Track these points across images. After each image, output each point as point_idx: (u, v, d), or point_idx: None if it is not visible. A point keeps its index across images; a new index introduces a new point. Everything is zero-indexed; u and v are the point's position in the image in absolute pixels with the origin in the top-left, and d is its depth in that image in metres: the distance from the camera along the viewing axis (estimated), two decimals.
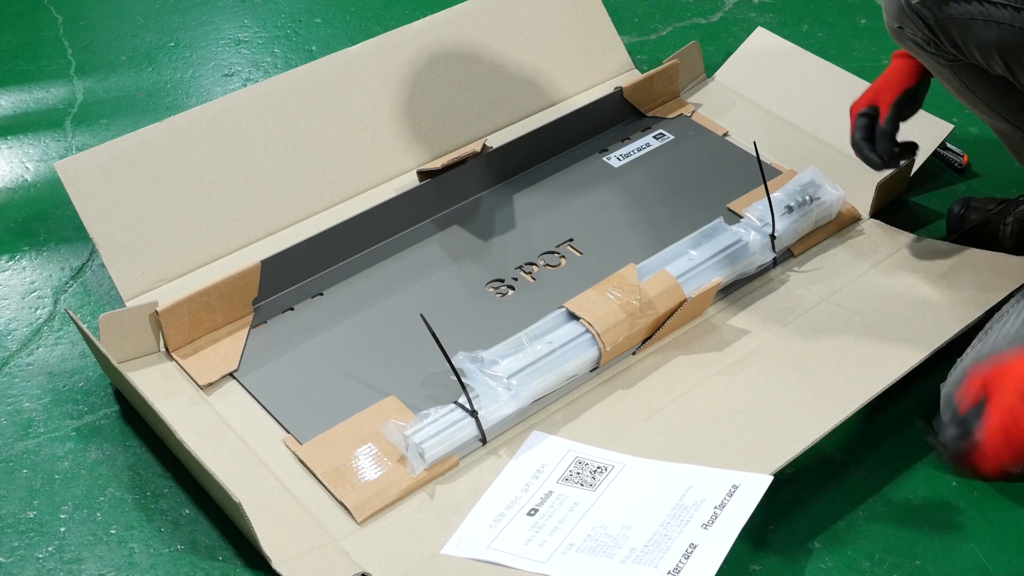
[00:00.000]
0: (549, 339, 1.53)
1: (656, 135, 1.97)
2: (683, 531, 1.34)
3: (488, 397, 1.47)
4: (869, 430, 1.53)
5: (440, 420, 1.46)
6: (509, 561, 1.35)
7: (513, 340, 1.53)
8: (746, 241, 1.68)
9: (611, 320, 1.54)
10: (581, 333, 1.54)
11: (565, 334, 1.54)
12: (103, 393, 1.60)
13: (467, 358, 1.50)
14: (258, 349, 1.61)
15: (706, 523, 1.34)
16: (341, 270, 1.72)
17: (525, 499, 1.42)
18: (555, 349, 1.52)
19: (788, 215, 1.72)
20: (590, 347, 1.54)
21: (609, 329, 1.53)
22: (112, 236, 1.65)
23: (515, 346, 1.52)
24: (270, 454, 1.48)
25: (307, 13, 2.34)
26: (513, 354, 1.51)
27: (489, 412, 1.46)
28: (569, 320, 1.56)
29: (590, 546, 1.35)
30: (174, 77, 2.18)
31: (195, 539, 1.43)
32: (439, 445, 1.45)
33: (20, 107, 2.10)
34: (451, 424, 1.46)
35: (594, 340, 1.53)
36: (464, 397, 1.47)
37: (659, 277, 1.60)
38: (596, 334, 1.53)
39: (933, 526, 1.46)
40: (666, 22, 2.33)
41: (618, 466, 1.45)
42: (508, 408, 1.47)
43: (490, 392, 1.47)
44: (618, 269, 1.71)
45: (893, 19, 1.51)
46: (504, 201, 1.85)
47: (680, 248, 1.68)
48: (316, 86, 1.84)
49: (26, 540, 1.43)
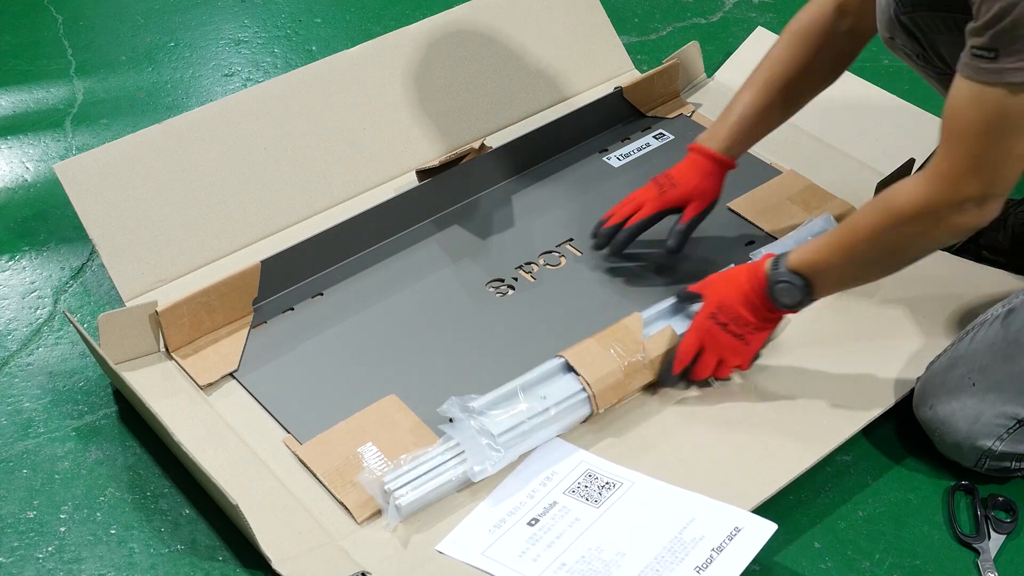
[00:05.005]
0: (543, 393, 1.47)
1: (656, 135, 1.97)
2: (676, 569, 1.31)
3: (475, 454, 1.42)
4: (869, 430, 1.53)
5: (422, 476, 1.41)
6: (500, 572, 1.34)
7: (507, 390, 1.46)
8: None
9: (609, 381, 1.49)
10: (577, 392, 1.48)
11: (560, 390, 1.48)
12: (103, 393, 1.60)
13: (457, 405, 1.45)
14: (258, 349, 1.61)
15: (700, 566, 1.31)
16: (341, 270, 1.72)
17: (529, 506, 1.42)
18: (548, 408, 1.46)
19: None
20: (583, 407, 1.49)
21: (606, 391, 1.49)
22: (112, 236, 1.65)
23: (508, 397, 1.46)
24: (270, 454, 1.48)
25: (307, 13, 2.34)
26: (505, 405, 1.45)
27: (475, 473, 1.41)
28: (567, 372, 1.50)
29: (581, 569, 1.33)
30: (174, 77, 2.18)
31: (195, 539, 1.43)
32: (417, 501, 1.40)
33: (20, 107, 2.10)
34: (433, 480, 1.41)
35: (588, 400, 1.49)
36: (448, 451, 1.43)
37: (663, 335, 1.54)
38: (592, 396, 1.48)
39: (933, 526, 1.46)
40: (666, 22, 2.33)
41: (627, 484, 1.43)
42: (495, 468, 1.42)
43: (478, 450, 1.42)
44: (617, 270, 1.72)
45: (884, 30, 1.52)
46: (504, 201, 1.85)
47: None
48: (316, 87, 1.84)
49: (26, 540, 1.43)
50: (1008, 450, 1.44)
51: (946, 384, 1.46)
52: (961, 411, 1.44)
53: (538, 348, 1.55)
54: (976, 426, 1.43)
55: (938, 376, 1.48)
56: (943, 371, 1.48)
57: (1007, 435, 1.43)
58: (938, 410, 1.46)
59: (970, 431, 1.44)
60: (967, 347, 1.47)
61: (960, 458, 1.47)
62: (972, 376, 1.44)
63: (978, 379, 1.44)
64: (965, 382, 1.45)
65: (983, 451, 1.44)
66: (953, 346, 1.49)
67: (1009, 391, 1.43)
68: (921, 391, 1.50)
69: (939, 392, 1.47)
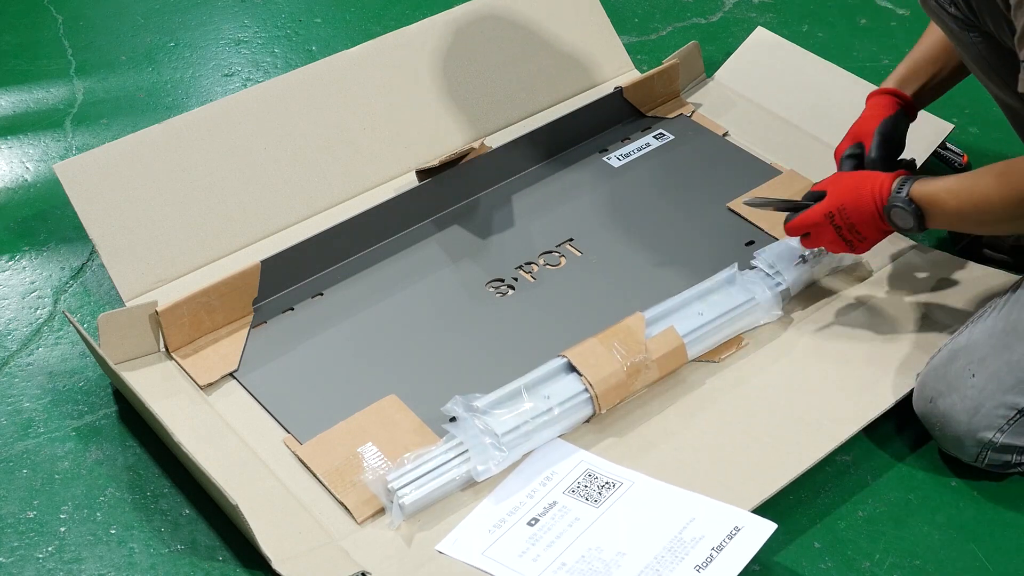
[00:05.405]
0: (547, 393, 1.47)
1: (656, 135, 1.97)
2: (675, 569, 1.31)
3: (479, 453, 1.42)
4: (869, 430, 1.53)
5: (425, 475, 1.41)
6: (500, 572, 1.34)
7: (510, 390, 1.46)
8: (758, 301, 1.61)
9: (611, 382, 1.49)
10: (579, 392, 1.48)
11: (564, 390, 1.48)
12: (103, 393, 1.60)
13: (461, 403, 1.45)
14: (258, 349, 1.61)
15: (700, 565, 1.31)
16: (341, 270, 1.72)
17: (528, 506, 1.42)
18: (552, 408, 1.46)
19: (802, 265, 1.66)
20: (585, 407, 1.49)
21: (608, 391, 1.49)
22: (112, 236, 1.65)
23: (512, 397, 1.46)
24: (270, 454, 1.48)
25: (307, 13, 2.34)
26: (509, 405, 1.46)
27: (478, 472, 1.42)
28: (569, 372, 1.50)
29: (581, 568, 1.33)
30: (174, 77, 2.18)
31: (195, 539, 1.43)
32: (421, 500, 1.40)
33: (20, 107, 2.10)
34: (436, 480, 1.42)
35: (591, 401, 1.49)
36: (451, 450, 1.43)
37: (666, 336, 1.54)
38: (594, 396, 1.48)
39: (933, 526, 1.46)
40: (666, 22, 2.32)
41: (627, 484, 1.43)
42: (499, 468, 1.43)
43: (481, 449, 1.42)
44: (617, 269, 1.72)
45: None
46: (504, 201, 1.85)
47: (690, 297, 1.60)
48: (316, 87, 1.84)
49: (26, 540, 1.43)
50: (1009, 442, 1.44)
51: (946, 377, 1.46)
52: (961, 403, 1.44)
53: (538, 348, 1.56)
54: (976, 418, 1.43)
55: (938, 370, 1.48)
56: (943, 365, 1.48)
57: (1008, 426, 1.43)
58: (938, 403, 1.46)
59: (970, 423, 1.44)
60: (966, 339, 1.47)
61: (961, 452, 1.47)
62: (972, 367, 1.44)
63: (978, 370, 1.44)
64: (965, 374, 1.44)
65: (984, 443, 1.44)
66: (953, 339, 1.50)
67: (1008, 380, 1.42)
68: (921, 386, 1.50)
69: (939, 386, 1.47)
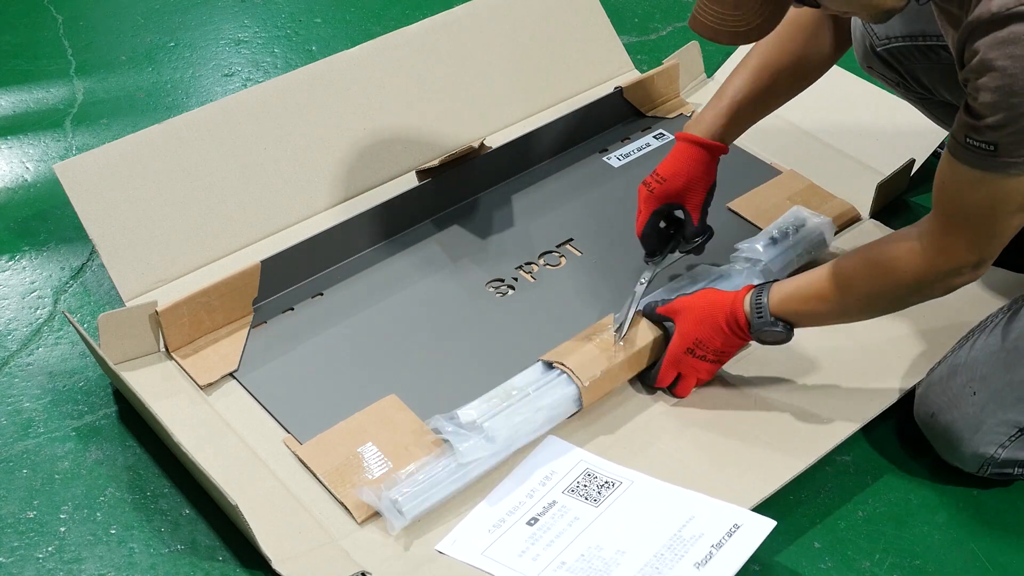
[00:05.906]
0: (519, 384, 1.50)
1: (656, 135, 1.97)
2: (675, 567, 1.32)
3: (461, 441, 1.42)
4: (869, 430, 1.53)
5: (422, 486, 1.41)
6: (500, 572, 1.35)
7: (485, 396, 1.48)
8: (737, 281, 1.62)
9: (585, 358, 1.50)
10: (556, 375, 1.50)
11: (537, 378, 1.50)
12: (103, 393, 1.60)
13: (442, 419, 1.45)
14: (258, 349, 1.61)
15: (700, 562, 1.31)
16: (341, 270, 1.72)
17: (528, 506, 1.42)
18: (526, 388, 1.48)
19: (773, 246, 1.67)
20: (567, 385, 1.49)
21: (583, 364, 1.49)
22: (112, 236, 1.65)
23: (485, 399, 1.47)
24: (270, 454, 1.48)
25: (307, 13, 2.34)
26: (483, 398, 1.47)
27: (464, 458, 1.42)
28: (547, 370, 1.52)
29: (581, 567, 1.34)
30: (174, 77, 2.18)
31: (195, 539, 1.43)
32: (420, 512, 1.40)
33: (20, 107, 2.10)
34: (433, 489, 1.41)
35: (569, 379, 1.49)
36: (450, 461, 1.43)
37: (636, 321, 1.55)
38: (570, 372, 1.48)
39: (933, 526, 1.46)
40: (666, 22, 2.33)
41: (626, 483, 1.43)
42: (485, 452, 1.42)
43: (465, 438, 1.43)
44: (617, 269, 1.72)
45: (862, 60, 1.52)
46: (504, 201, 1.85)
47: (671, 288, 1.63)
48: (316, 87, 1.84)
49: (26, 540, 1.43)
50: (1010, 457, 1.44)
51: (946, 393, 1.46)
52: (962, 420, 1.44)
53: (538, 348, 1.55)
54: (978, 435, 1.43)
55: (938, 385, 1.47)
56: (943, 380, 1.47)
57: (1009, 442, 1.43)
58: (939, 419, 1.46)
59: (972, 439, 1.44)
60: (967, 355, 1.47)
61: (962, 464, 1.47)
62: (972, 385, 1.44)
63: (979, 388, 1.44)
64: (966, 391, 1.44)
65: (985, 458, 1.44)
66: (953, 353, 1.49)
67: (1009, 399, 1.42)
68: (922, 399, 1.50)
69: (940, 401, 1.46)
